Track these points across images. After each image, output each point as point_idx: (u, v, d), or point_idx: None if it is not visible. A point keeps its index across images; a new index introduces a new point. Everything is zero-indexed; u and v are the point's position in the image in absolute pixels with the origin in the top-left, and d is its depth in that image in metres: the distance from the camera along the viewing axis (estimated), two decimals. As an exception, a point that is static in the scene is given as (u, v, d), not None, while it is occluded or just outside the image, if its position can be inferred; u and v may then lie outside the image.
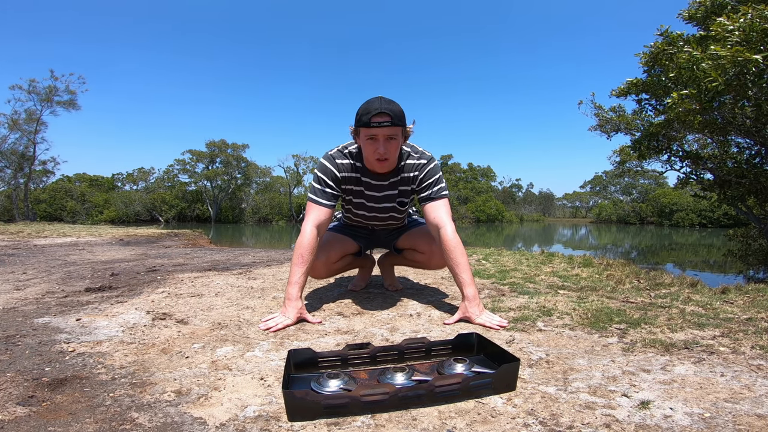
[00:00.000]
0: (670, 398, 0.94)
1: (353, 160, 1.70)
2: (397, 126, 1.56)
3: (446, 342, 1.19)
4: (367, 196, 1.76)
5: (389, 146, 1.58)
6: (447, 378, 0.94)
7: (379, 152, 1.57)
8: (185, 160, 38.72)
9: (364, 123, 1.55)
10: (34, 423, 0.84)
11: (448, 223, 1.65)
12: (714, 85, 4.23)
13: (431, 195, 1.69)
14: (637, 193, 51.05)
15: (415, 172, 1.71)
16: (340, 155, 1.70)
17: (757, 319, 1.54)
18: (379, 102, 1.55)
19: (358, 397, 0.87)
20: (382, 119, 1.52)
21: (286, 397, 0.87)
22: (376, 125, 1.53)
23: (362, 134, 1.58)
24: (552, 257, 3.32)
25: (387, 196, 1.77)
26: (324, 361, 1.10)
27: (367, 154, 1.61)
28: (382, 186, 1.74)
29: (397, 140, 1.60)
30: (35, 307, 1.78)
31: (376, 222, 1.89)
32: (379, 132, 1.54)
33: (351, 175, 1.71)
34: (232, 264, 3.13)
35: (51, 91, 22.49)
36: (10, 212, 24.55)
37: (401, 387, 0.92)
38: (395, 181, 1.73)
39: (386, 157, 1.59)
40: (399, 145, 1.62)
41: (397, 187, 1.75)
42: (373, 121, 1.53)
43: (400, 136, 1.60)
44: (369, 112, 1.53)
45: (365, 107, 1.56)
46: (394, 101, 1.59)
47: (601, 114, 7.75)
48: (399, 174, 1.72)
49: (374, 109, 1.53)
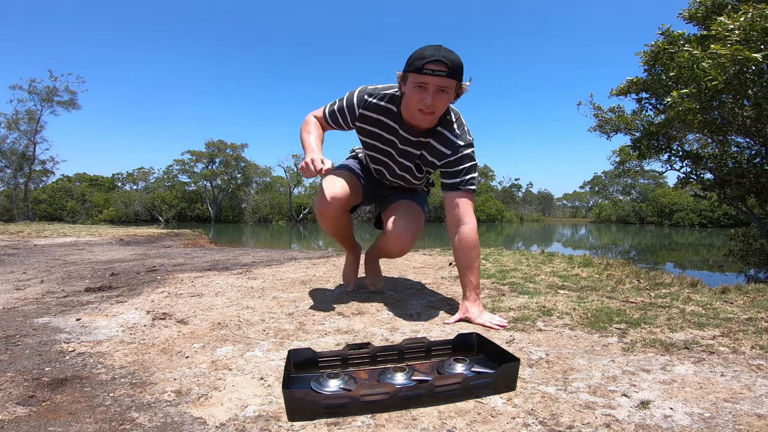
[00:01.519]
0: (670, 398, 0.94)
1: (390, 104, 1.55)
2: (453, 79, 1.39)
3: (446, 342, 1.19)
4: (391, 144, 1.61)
5: (438, 99, 1.41)
6: (447, 378, 0.94)
7: (426, 102, 1.40)
8: (185, 160, 38.73)
9: (415, 68, 1.38)
10: (34, 423, 0.84)
11: (472, 220, 1.53)
12: (714, 84, 4.23)
13: (458, 184, 1.53)
14: (636, 193, 51.06)
15: (447, 150, 1.54)
16: (376, 94, 1.56)
17: (757, 319, 1.54)
18: (437, 50, 1.37)
19: (358, 397, 0.87)
20: (438, 67, 1.36)
21: (286, 397, 0.87)
22: (429, 72, 1.36)
23: (411, 80, 1.41)
24: (552, 257, 3.33)
25: (408, 153, 1.61)
26: (324, 361, 1.10)
27: (412, 102, 1.44)
28: (408, 140, 1.58)
29: (449, 94, 1.43)
30: (35, 307, 1.78)
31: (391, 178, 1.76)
32: (431, 81, 1.38)
33: (379, 117, 1.56)
34: (232, 264, 3.13)
35: (51, 92, 22.50)
36: (10, 212, 24.54)
37: (401, 387, 0.92)
38: (423, 142, 1.57)
39: (432, 111, 1.43)
40: (449, 100, 1.45)
41: (422, 149, 1.59)
42: (427, 68, 1.36)
43: (452, 90, 1.43)
44: (424, 58, 1.36)
45: (420, 52, 1.39)
46: (454, 52, 1.40)
47: (601, 114, 7.75)
48: (430, 136, 1.56)
49: (429, 55, 1.36)
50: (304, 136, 1.58)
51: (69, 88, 22.86)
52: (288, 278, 2.44)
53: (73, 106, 23.37)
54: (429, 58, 1.36)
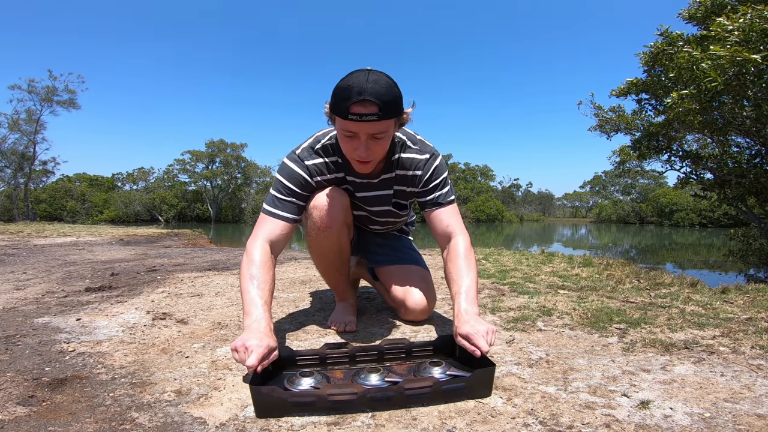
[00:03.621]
0: (670, 398, 0.94)
1: (330, 156, 1.32)
2: (387, 119, 1.12)
3: (427, 344, 1.17)
4: (357, 197, 1.41)
5: (374, 146, 1.17)
6: (418, 381, 0.93)
7: (359, 153, 1.17)
8: (185, 160, 38.79)
9: (340, 111, 1.11)
10: (34, 423, 0.84)
11: (462, 233, 1.32)
12: (713, 85, 4.24)
13: (439, 200, 1.35)
14: (636, 193, 51.08)
15: (417, 171, 1.35)
16: (311, 154, 1.31)
17: (757, 319, 1.54)
18: (365, 81, 1.08)
19: (326, 396, 0.88)
20: (366, 110, 1.09)
21: (252, 393, 0.87)
22: (356, 118, 1.10)
23: (338, 125, 1.17)
24: (552, 257, 3.33)
25: (379, 198, 1.41)
26: (302, 360, 1.10)
27: (345, 152, 1.23)
28: (371, 184, 1.38)
29: (386, 137, 1.18)
30: (35, 307, 1.78)
31: (373, 226, 1.57)
32: (360, 129, 1.12)
33: (329, 177, 1.34)
34: (232, 264, 3.13)
35: (50, 91, 22.50)
36: (10, 212, 24.53)
37: (370, 388, 0.92)
38: (389, 179, 1.37)
39: (368, 160, 1.20)
40: (388, 142, 1.21)
41: (392, 186, 1.39)
42: (353, 112, 1.09)
43: (391, 129, 1.18)
44: (348, 98, 1.08)
45: (344, 87, 1.10)
46: (386, 76, 1.13)
47: (601, 114, 7.76)
48: (393, 170, 1.35)
49: (355, 93, 1.08)
50: (246, 290, 1.13)
51: (69, 88, 22.87)
52: (288, 278, 2.44)
53: (72, 106, 23.38)
54: (354, 99, 1.08)
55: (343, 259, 1.48)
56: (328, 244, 1.40)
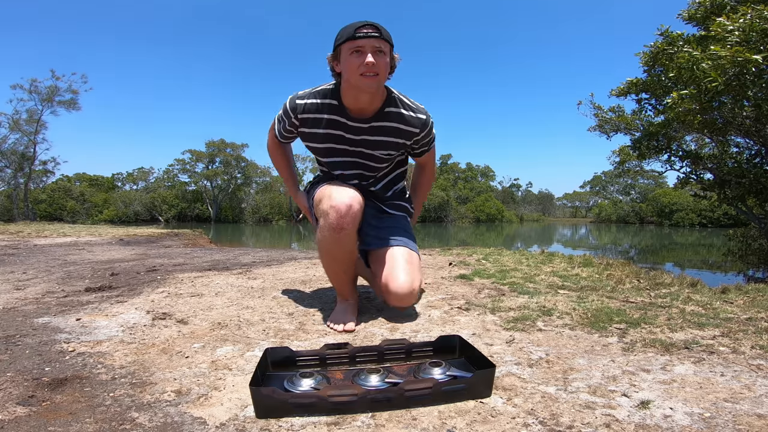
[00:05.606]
0: (670, 398, 0.94)
1: (328, 98, 1.48)
2: (387, 41, 1.38)
3: (427, 344, 1.18)
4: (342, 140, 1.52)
5: (378, 59, 1.36)
6: (418, 382, 0.93)
7: (368, 63, 1.33)
8: (185, 160, 38.82)
9: (348, 36, 1.35)
10: (34, 423, 0.84)
11: (432, 163, 1.77)
12: (714, 85, 4.24)
13: (427, 150, 1.65)
14: (636, 193, 51.11)
15: (415, 129, 1.52)
16: (309, 94, 1.50)
17: (757, 318, 1.54)
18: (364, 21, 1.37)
19: (326, 397, 0.88)
20: (370, 30, 1.34)
21: (252, 394, 0.87)
22: (363, 35, 1.33)
23: (345, 51, 1.37)
24: (552, 257, 3.33)
25: (366, 142, 1.51)
26: (302, 360, 1.11)
27: (352, 70, 1.36)
28: (360, 128, 1.49)
29: (386, 56, 1.38)
30: (35, 307, 1.78)
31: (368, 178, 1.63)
32: (367, 43, 1.34)
33: (320, 116, 1.48)
34: (232, 264, 3.13)
35: (52, 91, 22.50)
36: (10, 212, 24.54)
37: (371, 389, 0.92)
38: (378, 127, 1.50)
39: (376, 72, 1.36)
40: (388, 64, 1.40)
41: (379, 135, 1.50)
42: (359, 31, 1.33)
43: (388, 54, 1.40)
44: (354, 25, 1.35)
45: (346, 26, 1.38)
46: None
47: (601, 114, 7.76)
48: (383, 119, 1.49)
49: (358, 23, 1.35)
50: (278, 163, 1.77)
51: (72, 88, 22.87)
52: (288, 278, 2.44)
53: (73, 107, 23.41)
54: (359, 24, 1.35)
55: (352, 260, 1.53)
56: (340, 245, 1.44)
